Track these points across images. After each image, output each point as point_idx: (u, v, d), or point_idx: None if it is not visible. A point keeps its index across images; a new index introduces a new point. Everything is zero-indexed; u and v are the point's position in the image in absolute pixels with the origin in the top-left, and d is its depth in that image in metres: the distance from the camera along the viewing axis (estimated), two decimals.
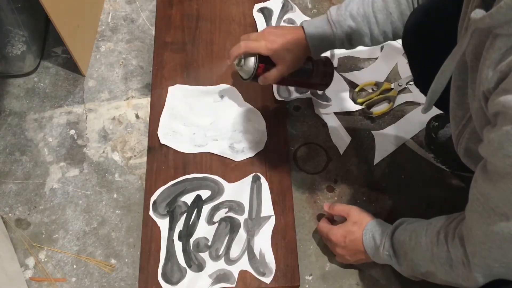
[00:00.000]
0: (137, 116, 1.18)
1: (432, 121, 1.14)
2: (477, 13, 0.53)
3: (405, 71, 1.26)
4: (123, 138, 1.15)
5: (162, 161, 1.09)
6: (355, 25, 0.91)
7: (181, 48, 1.25)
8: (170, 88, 1.18)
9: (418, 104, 1.21)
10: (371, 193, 1.09)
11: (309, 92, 1.19)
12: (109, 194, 1.08)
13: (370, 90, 1.23)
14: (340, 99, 1.21)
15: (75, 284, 0.98)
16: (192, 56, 1.24)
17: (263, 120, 1.14)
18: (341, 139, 1.15)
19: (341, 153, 1.14)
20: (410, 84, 1.23)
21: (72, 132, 1.15)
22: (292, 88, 1.19)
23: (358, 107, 1.19)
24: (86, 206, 1.06)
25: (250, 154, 1.10)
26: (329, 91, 1.21)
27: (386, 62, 1.27)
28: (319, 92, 1.20)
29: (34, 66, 1.23)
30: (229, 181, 1.06)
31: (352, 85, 1.23)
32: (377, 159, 1.13)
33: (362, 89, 1.23)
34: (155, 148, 1.10)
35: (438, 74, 0.69)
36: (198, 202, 1.03)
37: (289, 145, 1.14)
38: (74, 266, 0.99)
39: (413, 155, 1.14)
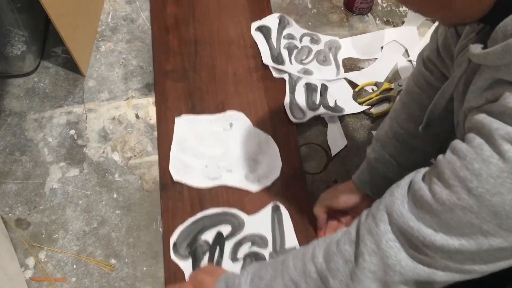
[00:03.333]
0: (137, 116, 1.18)
1: None
2: (476, 48, 0.54)
3: (405, 71, 1.26)
4: (123, 138, 1.15)
5: (177, 198, 1.04)
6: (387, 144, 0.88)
7: (182, 76, 1.21)
8: (176, 119, 1.13)
9: None
10: None
11: (321, 107, 1.16)
12: (109, 194, 1.08)
13: (370, 90, 1.23)
14: (344, 101, 1.20)
15: (75, 284, 0.98)
16: (194, 83, 1.20)
17: (275, 145, 1.10)
18: (336, 141, 1.15)
19: (332, 154, 1.13)
20: None
21: (72, 132, 1.15)
22: (305, 108, 1.16)
23: (362, 108, 1.19)
24: (86, 206, 1.06)
25: (267, 182, 1.05)
26: (331, 93, 1.20)
27: (386, 62, 1.27)
28: (331, 104, 1.18)
29: (34, 66, 1.22)
30: (248, 213, 1.02)
31: (352, 85, 1.23)
32: None
33: (362, 89, 1.24)
34: (168, 186, 1.05)
35: (437, 96, 0.70)
36: (220, 239, 0.99)
37: (304, 168, 1.11)
38: (74, 266, 0.99)
39: None
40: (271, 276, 0.70)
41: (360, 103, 1.20)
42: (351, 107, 1.20)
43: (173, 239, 0.99)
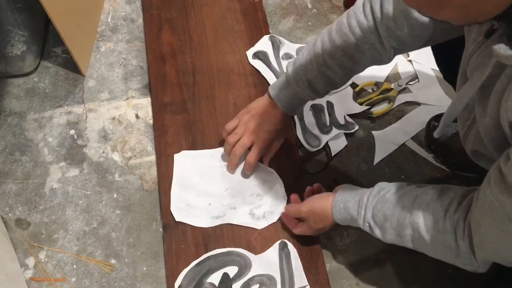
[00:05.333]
0: (137, 116, 1.18)
1: (432, 121, 1.14)
2: (506, 50, 0.53)
3: (405, 71, 1.26)
4: (123, 138, 1.15)
5: (181, 239, 0.99)
6: (316, 85, 0.92)
7: (181, 108, 1.15)
8: (175, 156, 1.08)
9: (418, 104, 1.22)
10: None
11: (333, 127, 1.15)
12: (109, 194, 1.08)
13: (370, 90, 1.23)
14: (344, 101, 1.20)
15: (75, 284, 0.98)
16: (194, 115, 1.14)
17: (279, 179, 1.06)
18: (336, 141, 1.15)
19: (332, 154, 1.13)
20: (410, 84, 1.24)
21: (72, 132, 1.15)
22: (317, 132, 1.14)
23: (362, 108, 1.19)
24: (86, 206, 1.06)
25: (273, 219, 1.01)
26: (338, 109, 1.19)
27: None
28: (341, 122, 1.17)
29: (34, 66, 1.22)
30: (255, 253, 0.98)
31: (352, 85, 1.23)
32: (377, 159, 1.14)
33: (362, 89, 1.24)
34: (171, 226, 1.01)
35: (454, 100, 0.70)
36: (227, 282, 0.94)
37: (304, 168, 1.10)
38: (74, 266, 0.99)
39: (413, 155, 1.14)
40: (398, 222, 0.77)
41: (360, 103, 1.20)
42: (351, 107, 1.20)
43: (177, 283, 0.94)
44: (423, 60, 1.26)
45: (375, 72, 1.26)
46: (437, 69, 1.06)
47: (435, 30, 0.79)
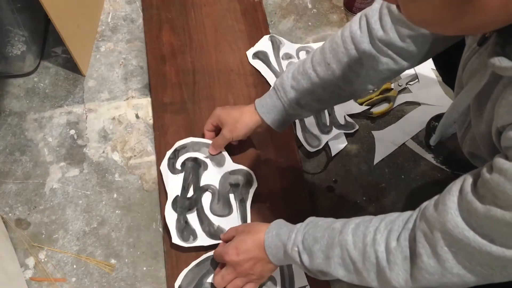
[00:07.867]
0: (137, 116, 1.18)
1: (432, 121, 1.15)
2: (502, 62, 0.52)
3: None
4: (123, 138, 1.15)
5: None
6: (296, 83, 0.89)
7: (181, 108, 1.15)
8: (162, 169, 1.06)
9: (418, 104, 1.22)
10: (371, 193, 1.09)
11: (333, 127, 1.15)
12: (109, 194, 1.08)
13: (370, 90, 1.23)
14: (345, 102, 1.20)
15: (75, 284, 0.98)
16: (194, 115, 1.14)
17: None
18: (336, 141, 1.15)
19: (332, 154, 1.13)
20: (410, 84, 1.24)
21: (72, 132, 1.15)
22: (317, 132, 1.14)
23: (362, 108, 1.19)
24: (86, 206, 1.06)
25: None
26: (337, 109, 1.18)
27: None
28: (341, 122, 1.17)
29: (34, 66, 1.22)
30: None
31: None
32: (377, 159, 1.14)
33: None
34: None
35: (449, 109, 0.69)
36: None
37: (303, 168, 1.10)
38: (74, 266, 0.99)
39: (413, 155, 1.15)
40: (327, 243, 0.73)
41: (360, 103, 1.20)
42: (351, 107, 1.20)
43: (177, 283, 0.94)
44: None
45: None
46: None
47: (436, 39, 0.78)
